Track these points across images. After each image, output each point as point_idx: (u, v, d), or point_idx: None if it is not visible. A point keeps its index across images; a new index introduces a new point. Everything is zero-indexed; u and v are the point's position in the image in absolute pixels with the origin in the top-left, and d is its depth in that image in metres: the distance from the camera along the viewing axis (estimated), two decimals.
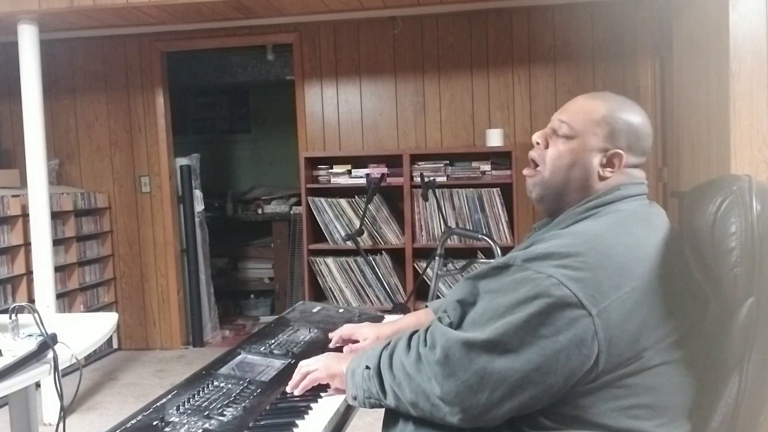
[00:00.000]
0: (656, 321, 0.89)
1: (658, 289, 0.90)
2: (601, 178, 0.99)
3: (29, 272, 3.10)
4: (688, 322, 0.94)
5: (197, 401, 1.03)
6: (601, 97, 1.02)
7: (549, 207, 1.04)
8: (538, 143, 1.03)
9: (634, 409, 0.89)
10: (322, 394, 1.11)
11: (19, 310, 1.25)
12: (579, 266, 0.86)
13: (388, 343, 1.02)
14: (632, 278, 0.88)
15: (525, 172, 1.05)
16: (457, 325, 0.93)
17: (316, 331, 1.46)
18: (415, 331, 0.99)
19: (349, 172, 3.43)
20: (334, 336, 1.34)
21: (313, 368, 1.10)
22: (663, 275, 0.91)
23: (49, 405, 2.80)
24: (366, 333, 1.30)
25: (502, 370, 0.86)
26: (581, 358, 0.85)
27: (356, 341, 1.31)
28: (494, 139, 3.31)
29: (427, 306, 1.41)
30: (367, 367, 1.00)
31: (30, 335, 1.24)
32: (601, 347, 0.85)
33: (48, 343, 1.21)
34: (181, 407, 1.00)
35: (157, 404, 1.02)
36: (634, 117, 1.00)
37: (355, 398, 1.03)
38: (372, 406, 1.01)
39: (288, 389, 1.10)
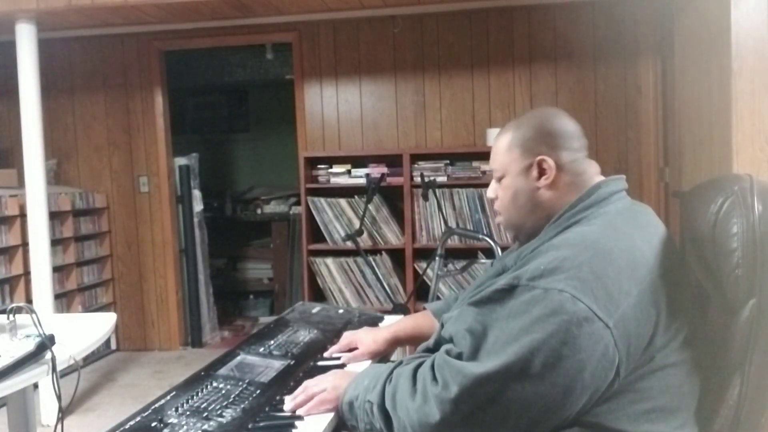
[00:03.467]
0: (666, 321, 0.88)
1: (662, 289, 0.89)
2: (545, 188, 1.00)
3: (27, 272, 3.09)
4: (689, 320, 0.93)
5: (196, 402, 1.02)
6: (507, 127, 1.07)
7: (524, 239, 1.07)
8: (492, 198, 1.09)
9: (651, 413, 0.87)
10: None
11: (17, 310, 1.24)
12: (586, 277, 0.84)
13: (391, 373, 0.96)
14: (637, 282, 0.87)
15: (496, 221, 1.12)
16: (469, 356, 0.88)
17: (315, 331, 1.45)
18: (419, 365, 0.93)
19: (349, 172, 3.43)
20: (337, 348, 1.31)
21: (319, 390, 1.04)
22: (663, 274, 0.90)
23: (47, 406, 2.80)
24: (363, 338, 1.30)
25: (527, 397, 0.82)
26: (604, 373, 0.83)
27: (357, 348, 1.30)
28: (496, 134, 3.30)
29: (425, 308, 1.40)
30: (369, 401, 0.96)
31: (28, 336, 1.23)
32: (621, 357, 0.83)
33: (46, 343, 1.20)
34: (179, 408, 1.00)
35: (156, 405, 1.01)
36: (537, 120, 1.03)
37: (355, 428, 0.99)
38: None
39: (288, 408, 1.02)
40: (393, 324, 1.38)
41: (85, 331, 1.49)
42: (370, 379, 0.99)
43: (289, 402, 1.04)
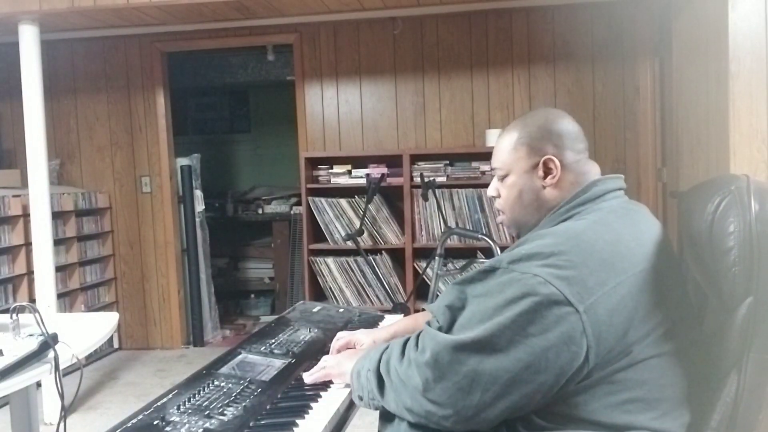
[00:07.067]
0: (643, 314, 0.90)
1: (644, 283, 0.91)
2: (551, 187, 1.03)
3: (30, 272, 3.10)
4: (675, 315, 0.94)
5: (198, 401, 1.03)
6: (512, 126, 1.09)
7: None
8: (493, 196, 1.11)
9: (627, 403, 0.89)
10: (321, 393, 1.11)
11: (20, 309, 1.25)
12: (563, 264, 0.87)
13: (388, 346, 1.03)
14: (616, 273, 0.89)
15: (497, 220, 1.15)
16: (447, 329, 0.94)
17: (316, 330, 1.47)
18: (410, 337, 1.00)
19: (349, 172, 3.44)
20: (332, 349, 1.32)
21: (328, 364, 1.16)
22: (647, 269, 0.92)
23: (50, 404, 2.81)
24: (361, 339, 1.31)
25: (493, 370, 0.87)
26: (570, 355, 0.85)
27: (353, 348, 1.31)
28: (494, 139, 3.31)
29: (424, 309, 1.42)
30: (369, 369, 1.02)
31: (31, 335, 1.24)
32: (590, 343, 0.86)
33: (49, 342, 1.21)
34: (181, 407, 1.01)
35: (158, 404, 1.02)
36: (543, 120, 1.05)
37: (360, 398, 1.05)
38: (376, 408, 1.03)
39: (304, 376, 1.15)
40: (392, 324, 1.40)
41: (87, 330, 1.51)
42: (375, 351, 1.05)
43: (307, 376, 1.15)
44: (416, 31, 3.53)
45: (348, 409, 1.10)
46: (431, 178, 3.26)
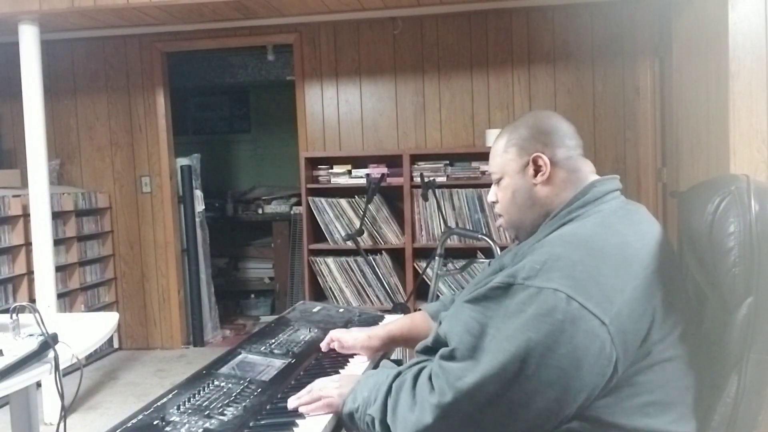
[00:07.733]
0: (661, 316, 0.89)
1: (656, 285, 0.90)
2: (542, 185, 1.03)
3: (30, 272, 3.10)
4: (684, 317, 0.94)
5: (198, 401, 1.03)
6: (503, 131, 1.11)
7: (524, 237, 1.08)
8: (493, 202, 1.12)
9: (647, 407, 0.88)
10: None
11: (20, 309, 1.25)
12: (580, 276, 0.85)
13: (391, 385, 0.95)
14: (631, 278, 0.88)
15: (496, 223, 1.13)
16: (465, 356, 0.88)
17: (316, 330, 1.47)
18: (418, 373, 0.93)
19: (349, 172, 3.44)
20: (323, 344, 1.32)
21: (326, 393, 1.04)
22: (656, 270, 0.91)
23: (50, 404, 2.81)
24: (358, 335, 1.30)
25: (526, 397, 0.83)
26: (602, 370, 0.83)
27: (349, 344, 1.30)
28: (494, 139, 3.31)
29: (421, 309, 1.41)
30: (371, 416, 0.95)
31: (31, 335, 1.24)
32: (618, 354, 0.84)
33: (49, 342, 1.21)
34: (181, 407, 1.01)
35: (158, 404, 1.02)
36: (532, 121, 1.06)
37: None
38: None
39: (292, 406, 1.04)
40: (389, 323, 1.39)
41: (87, 330, 1.51)
42: (370, 391, 0.98)
43: (293, 401, 1.05)
44: (416, 31, 3.53)
45: None
46: (431, 178, 3.26)
